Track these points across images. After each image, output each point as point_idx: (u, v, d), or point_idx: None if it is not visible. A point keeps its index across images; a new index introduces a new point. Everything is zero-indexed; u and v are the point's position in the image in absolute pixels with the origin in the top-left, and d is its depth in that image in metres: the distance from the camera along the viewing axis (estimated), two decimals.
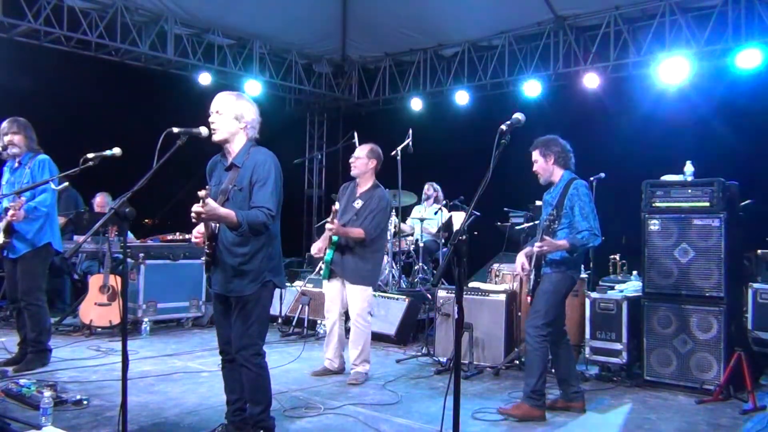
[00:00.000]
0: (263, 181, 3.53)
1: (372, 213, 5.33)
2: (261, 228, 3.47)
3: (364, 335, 5.40)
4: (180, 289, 7.58)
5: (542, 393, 4.49)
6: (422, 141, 8.21)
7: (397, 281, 8.14)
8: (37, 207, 5.31)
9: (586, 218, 4.45)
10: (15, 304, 5.54)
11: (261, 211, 3.46)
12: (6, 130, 5.41)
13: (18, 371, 5.25)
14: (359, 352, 5.38)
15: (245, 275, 3.58)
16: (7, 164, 5.56)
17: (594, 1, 8.92)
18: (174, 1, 9.17)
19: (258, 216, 3.45)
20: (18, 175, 5.42)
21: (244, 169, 3.58)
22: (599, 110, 9.02)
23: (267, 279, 3.62)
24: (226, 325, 3.72)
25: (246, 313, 3.59)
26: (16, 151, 5.43)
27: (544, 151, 4.66)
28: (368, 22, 10.61)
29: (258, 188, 3.53)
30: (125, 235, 3.70)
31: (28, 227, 5.35)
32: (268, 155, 3.63)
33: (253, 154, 3.62)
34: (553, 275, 4.55)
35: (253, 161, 3.58)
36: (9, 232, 5.30)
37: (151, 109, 8.74)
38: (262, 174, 3.54)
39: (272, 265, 3.65)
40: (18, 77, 8.16)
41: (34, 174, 5.37)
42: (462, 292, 2.97)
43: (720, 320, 5.13)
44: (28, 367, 5.35)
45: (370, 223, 5.32)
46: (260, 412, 3.65)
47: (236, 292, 3.60)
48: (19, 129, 5.43)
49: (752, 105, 7.66)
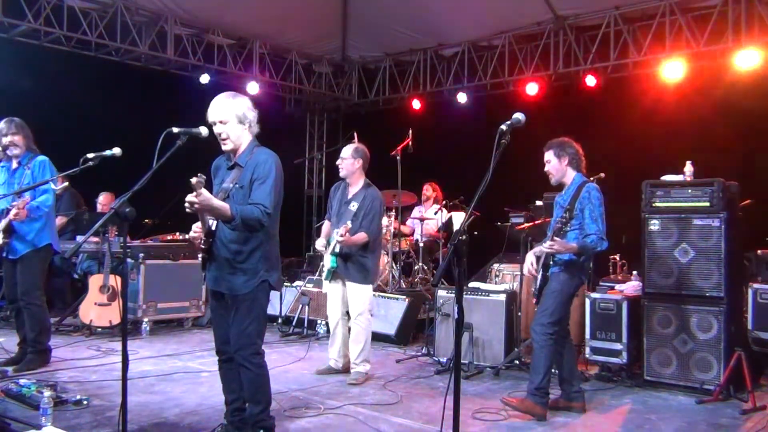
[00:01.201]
0: (263, 180, 3.55)
1: (369, 214, 5.37)
2: (255, 224, 3.48)
3: (364, 334, 5.42)
4: (180, 289, 7.58)
5: (546, 391, 4.50)
6: (422, 141, 8.22)
7: (397, 281, 8.14)
8: (39, 206, 5.32)
9: (595, 222, 4.48)
10: (14, 304, 5.54)
11: (257, 207, 3.48)
12: (5, 130, 5.41)
13: (18, 371, 5.26)
14: (360, 351, 5.40)
15: (241, 273, 3.59)
16: (2, 165, 5.56)
17: (594, 1, 8.92)
18: (174, 1, 9.17)
19: (253, 212, 3.46)
20: (18, 176, 5.42)
21: (247, 168, 3.61)
22: (599, 110, 9.01)
23: (263, 278, 3.62)
24: (223, 324, 3.72)
25: (243, 313, 3.60)
26: (17, 152, 5.44)
27: (559, 152, 4.67)
28: (368, 22, 10.61)
29: (257, 186, 3.55)
30: (125, 235, 3.70)
31: (28, 228, 5.35)
32: (270, 155, 3.64)
33: (256, 154, 3.64)
34: (562, 275, 4.56)
35: (255, 160, 3.61)
36: (9, 233, 5.30)
37: (151, 109, 8.73)
38: (262, 173, 3.56)
39: (268, 265, 3.65)
40: (18, 77, 8.16)
41: (34, 174, 5.38)
42: (462, 292, 2.97)
43: (720, 320, 5.13)
44: (28, 367, 5.35)
45: (370, 224, 5.35)
46: (260, 412, 3.65)
47: (232, 290, 3.61)
48: (18, 129, 5.44)
49: (752, 105, 7.65)
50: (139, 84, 9.60)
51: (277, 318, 7.55)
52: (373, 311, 7.05)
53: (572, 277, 4.56)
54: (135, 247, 7.36)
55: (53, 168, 5.46)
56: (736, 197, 5.50)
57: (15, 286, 5.47)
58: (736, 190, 5.45)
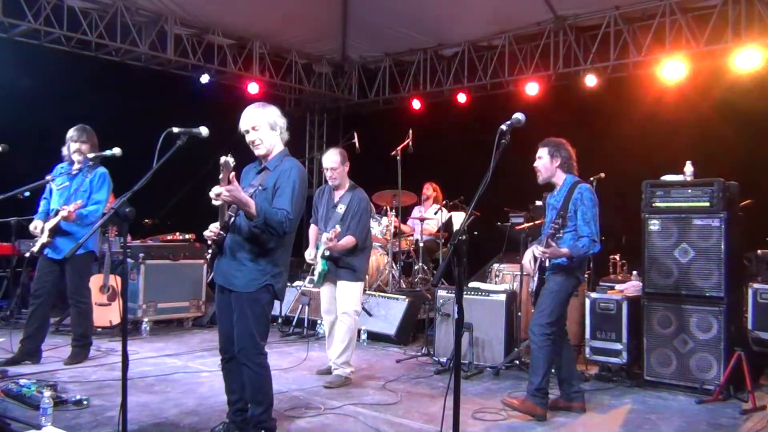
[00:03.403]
0: (285, 187, 3.61)
1: (356, 216, 5.35)
2: (277, 226, 3.50)
3: (350, 333, 5.32)
4: (180, 289, 7.58)
5: (546, 392, 4.50)
6: (422, 141, 8.22)
7: (397, 281, 8.14)
8: (89, 215, 5.49)
9: (588, 224, 4.46)
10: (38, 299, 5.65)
11: (281, 211, 3.52)
12: (76, 137, 5.59)
13: (68, 364, 5.54)
14: (342, 351, 5.29)
15: (248, 272, 3.61)
16: (62, 167, 5.71)
17: (594, 1, 8.92)
18: (174, 1, 9.16)
19: (276, 214, 3.51)
20: (77, 182, 5.58)
21: (274, 173, 3.69)
22: (599, 110, 9.01)
23: (268, 282, 3.64)
24: (227, 321, 3.74)
25: (246, 313, 3.61)
26: (80, 159, 5.59)
27: (553, 151, 4.65)
28: (368, 22, 10.60)
29: (279, 193, 3.61)
30: (125, 235, 3.70)
31: (79, 231, 5.50)
32: (296, 165, 3.73)
33: (285, 162, 3.74)
34: (558, 275, 4.56)
35: (282, 168, 3.69)
36: (54, 232, 5.48)
37: (151, 109, 8.72)
38: (285, 181, 3.63)
39: (276, 272, 3.67)
40: (18, 77, 8.16)
41: (93, 185, 5.58)
42: (462, 292, 2.97)
43: (720, 320, 5.13)
44: (76, 360, 5.64)
45: (357, 226, 5.33)
46: (261, 413, 3.65)
47: (236, 287, 3.64)
48: (88, 138, 5.61)
49: (752, 105, 7.65)
50: (139, 84, 9.60)
51: (277, 318, 7.55)
52: (373, 311, 7.10)
53: (569, 277, 4.56)
54: (135, 247, 7.36)
55: (110, 182, 5.65)
56: (736, 197, 5.50)
57: (48, 283, 5.64)
58: (736, 190, 5.45)
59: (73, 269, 5.66)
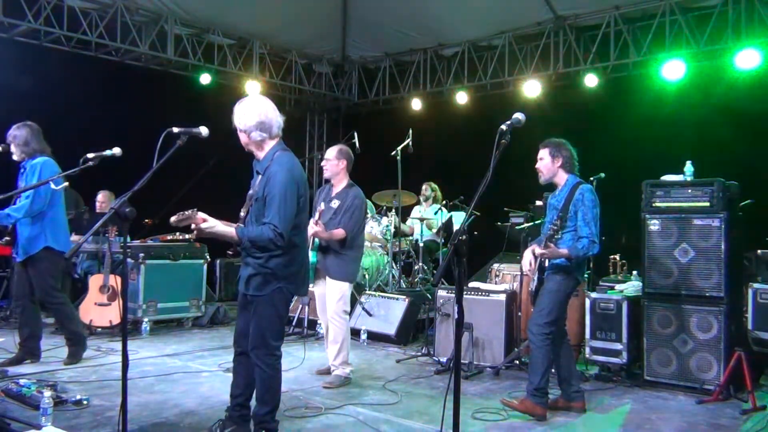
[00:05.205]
0: (272, 196, 3.52)
1: (349, 211, 5.33)
2: (267, 244, 3.48)
3: (342, 333, 5.30)
4: (180, 289, 7.58)
5: (545, 391, 4.50)
6: (422, 141, 8.22)
7: (397, 281, 8.14)
8: (10, 214, 5.34)
9: (588, 224, 4.46)
10: (19, 301, 5.63)
11: (268, 227, 3.46)
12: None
13: (68, 364, 5.52)
14: (337, 353, 5.29)
15: (260, 277, 3.63)
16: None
17: (594, 1, 8.92)
18: (174, 1, 9.16)
19: (263, 232, 3.46)
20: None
21: (263, 178, 3.61)
22: (599, 110, 9.02)
23: (279, 285, 3.63)
24: (244, 318, 3.79)
25: (259, 314, 3.64)
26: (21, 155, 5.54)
27: (554, 152, 4.65)
28: (368, 22, 10.61)
29: (268, 203, 3.53)
30: (125, 235, 3.70)
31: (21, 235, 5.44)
32: (282, 167, 3.57)
33: (274, 163, 3.61)
34: (557, 275, 4.56)
35: (270, 172, 3.59)
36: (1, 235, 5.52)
37: (151, 109, 8.73)
38: (271, 189, 3.53)
39: (288, 272, 3.65)
40: (18, 77, 8.15)
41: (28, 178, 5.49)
42: (462, 292, 2.97)
43: (720, 320, 5.13)
44: (75, 358, 5.63)
45: (349, 221, 5.31)
46: (266, 413, 3.66)
47: (249, 291, 3.68)
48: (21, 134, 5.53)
49: (752, 105, 7.65)
50: (139, 84, 9.59)
51: None
52: (373, 311, 7.09)
53: (568, 277, 4.56)
54: (135, 247, 7.36)
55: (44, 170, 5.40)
56: (736, 197, 5.49)
57: (22, 285, 5.58)
58: (736, 190, 5.45)
59: (34, 270, 5.47)
